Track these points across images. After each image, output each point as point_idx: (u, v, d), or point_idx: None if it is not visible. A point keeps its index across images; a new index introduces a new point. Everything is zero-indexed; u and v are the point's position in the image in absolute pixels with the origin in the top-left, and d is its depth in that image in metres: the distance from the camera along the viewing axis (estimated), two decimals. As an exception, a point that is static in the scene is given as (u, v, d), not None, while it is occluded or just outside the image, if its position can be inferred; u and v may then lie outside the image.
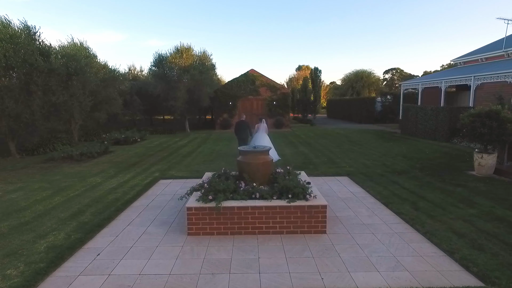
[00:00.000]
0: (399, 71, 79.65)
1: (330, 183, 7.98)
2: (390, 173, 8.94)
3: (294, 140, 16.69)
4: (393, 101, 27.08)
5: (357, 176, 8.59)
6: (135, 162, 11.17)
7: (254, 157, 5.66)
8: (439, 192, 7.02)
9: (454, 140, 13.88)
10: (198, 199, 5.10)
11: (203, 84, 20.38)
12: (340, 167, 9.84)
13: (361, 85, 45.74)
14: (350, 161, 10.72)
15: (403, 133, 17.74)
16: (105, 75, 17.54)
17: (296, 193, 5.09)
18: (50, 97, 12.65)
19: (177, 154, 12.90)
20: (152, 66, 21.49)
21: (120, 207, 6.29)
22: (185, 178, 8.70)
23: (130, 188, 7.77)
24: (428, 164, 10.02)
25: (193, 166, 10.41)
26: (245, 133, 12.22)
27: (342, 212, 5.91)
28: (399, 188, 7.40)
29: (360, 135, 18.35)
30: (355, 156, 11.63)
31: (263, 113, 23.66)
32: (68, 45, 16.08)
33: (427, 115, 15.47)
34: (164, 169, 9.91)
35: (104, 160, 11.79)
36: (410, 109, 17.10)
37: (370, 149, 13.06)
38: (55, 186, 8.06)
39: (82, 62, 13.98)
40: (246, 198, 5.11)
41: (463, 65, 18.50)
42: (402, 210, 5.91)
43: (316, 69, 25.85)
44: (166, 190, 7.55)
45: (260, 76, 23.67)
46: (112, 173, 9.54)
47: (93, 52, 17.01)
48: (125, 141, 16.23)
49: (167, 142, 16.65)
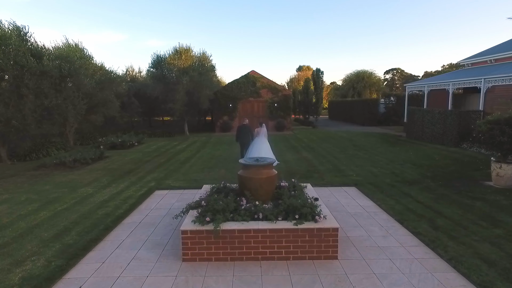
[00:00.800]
0: (400, 71, 79.23)
1: (337, 195, 7.44)
2: (400, 183, 8.40)
3: (296, 144, 16.16)
4: (396, 102, 26.51)
5: (365, 187, 8.06)
6: (130, 170, 10.63)
7: (256, 172, 5.12)
8: (456, 206, 6.48)
9: (463, 145, 13.33)
10: (195, 220, 4.56)
11: (202, 86, 19.86)
12: (347, 175, 9.29)
13: (362, 86, 45.33)
14: (357, 168, 10.18)
15: (409, 137, 17.19)
16: (101, 76, 17.01)
17: (304, 213, 4.56)
18: (43, 100, 12.12)
19: (175, 160, 12.37)
20: (151, 68, 20.98)
21: (110, 225, 5.75)
22: (182, 189, 8.16)
23: (123, 201, 7.23)
24: (439, 172, 9.47)
25: (191, 174, 9.87)
26: (247, 138, 11.81)
27: (353, 232, 5.37)
28: (412, 201, 6.85)
29: (364, 138, 17.80)
30: (361, 162, 11.09)
31: (264, 115, 23.15)
32: (63, 46, 15.57)
33: (435, 119, 14.93)
34: (160, 178, 9.38)
35: (98, 167, 11.25)
36: (416, 112, 16.56)
37: (376, 155, 12.51)
38: (43, 198, 7.53)
39: (77, 63, 13.46)
40: (248, 219, 4.57)
41: (471, 67, 17.94)
42: (419, 229, 5.36)
43: (318, 70, 25.31)
44: (162, 203, 7.01)
45: (261, 77, 23.13)
46: (105, 182, 9.00)
47: (88, 53, 16.52)
48: (121, 145, 15.70)
49: (165, 147, 16.12)
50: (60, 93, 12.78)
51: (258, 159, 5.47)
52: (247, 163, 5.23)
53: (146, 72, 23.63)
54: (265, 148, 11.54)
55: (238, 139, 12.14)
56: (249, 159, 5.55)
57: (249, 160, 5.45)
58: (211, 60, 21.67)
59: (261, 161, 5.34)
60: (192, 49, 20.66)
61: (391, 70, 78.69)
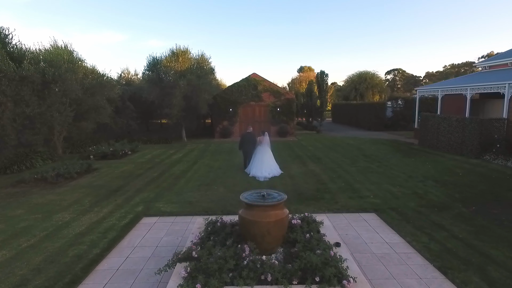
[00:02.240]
0: (401, 72, 78.04)
1: (356, 226, 6.29)
2: (427, 207, 7.25)
3: (301, 153, 15.00)
4: (404, 106, 25.37)
5: (387, 214, 6.91)
6: (118, 187, 9.49)
7: (263, 214, 3.98)
8: (506, 245, 5.32)
9: (485, 156, 12.17)
10: (182, 285, 3.41)
11: (201, 90, 18.70)
12: (363, 197, 8.14)
13: (365, 87, 44.33)
14: (373, 187, 9.02)
15: (422, 145, 16.03)
16: (93, 80, 15.87)
17: (326, 276, 3.41)
18: (23, 109, 11.00)
19: (169, 173, 11.23)
20: (146, 70, 19.84)
21: (79, 274, 4.60)
22: (174, 216, 7.02)
23: (102, 234, 6.08)
24: (468, 193, 8.32)
25: (185, 193, 8.72)
26: (251, 146, 11.07)
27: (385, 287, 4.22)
28: (448, 237, 5.70)
29: (374, 146, 16.64)
30: (376, 178, 9.93)
31: (265, 120, 22.03)
32: (50, 48, 14.43)
33: (452, 127, 13.77)
34: (150, 199, 8.23)
35: (83, 182, 10.12)
36: (430, 118, 15.39)
37: (391, 168, 11.36)
38: (10, 229, 6.40)
39: (62, 67, 12.31)
40: (253, 284, 3.42)
41: (488, 70, 16.78)
42: (469, 284, 4.21)
43: (322, 73, 24.13)
44: (148, 238, 5.87)
45: (263, 80, 21.99)
46: (87, 205, 7.86)
47: (79, 56, 15.36)
48: (113, 155, 14.56)
49: (160, 156, 14.97)
50: (43, 100, 11.64)
51: (264, 195, 4.32)
52: (251, 203, 4.08)
53: (142, 75, 22.49)
54: (268, 157, 10.95)
55: (241, 147, 11.44)
56: (253, 194, 4.39)
57: (253, 197, 4.28)
58: (210, 62, 20.52)
59: (268, 199, 4.19)
60: (190, 51, 19.54)
61: (392, 70, 77.55)
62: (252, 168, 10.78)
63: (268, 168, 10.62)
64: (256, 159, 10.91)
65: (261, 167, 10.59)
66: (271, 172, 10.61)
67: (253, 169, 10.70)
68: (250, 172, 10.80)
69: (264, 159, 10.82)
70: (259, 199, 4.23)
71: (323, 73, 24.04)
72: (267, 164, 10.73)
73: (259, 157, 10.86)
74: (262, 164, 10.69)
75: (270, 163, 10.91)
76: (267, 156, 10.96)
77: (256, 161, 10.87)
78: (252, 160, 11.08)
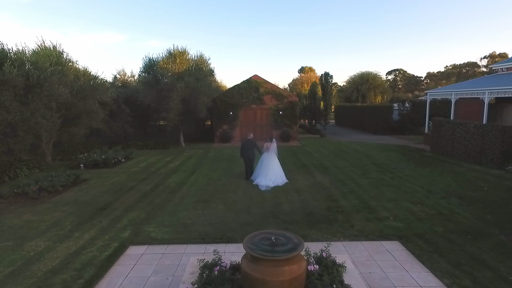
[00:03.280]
0: (402, 72, 77.03)
1: (379, 259, 5.31)
2: (459, 234, 6.26)
3: (307, 161, 14.02)
4: (412, 109, 24.38)
5: (413, 242, 5.93)
6: (105, 204, 8.51)
7: (274, 270, 3.01)
8: None
9: (509, 167, 11.18)
10: None
11: (199, 93, 17.72)
12: (382, 218, 7.16)
13: (367, 88, 43.57)
14: (390, 205, 8.04)
15: (435, 152, 15.04)
16: (84, 83, 14.90)
17: None
18: (4, 115, 10.03)
19: (164, 186, 10.25)
20: (142, 72, 18.86)
21: (39, 338, 3.63)
22: (166, 244, 6.05)
23: (78, 272, 5.10)
24: (501, 214, 7.34)
25: (180, 213, 7.74)
26: (252, 153, 10.74)
27: None
28: (495, 278, 4.71)
29: (383, 153, 15.66)
30: (392, 194, 8.95)
31: (267, 124, 21.07)
32: (38, 49, 13.47)
33: (469, 134, 12.78)
34: (140, 221, 7.25)
35: (68, 198, 9.15)
36: (444, 124, 14.40)
37: (406, 180, 10.38)
38: (-30, 263, 5.42)
39: (48, 70, 11.34)
40: None
41: (506, 72, 15.79)
42: None
43: (326, 74, 23.11)
44: (132, 279, 4.89)
45: (265, 82, 21.01)
46: (67, 228, 6.89)
47: (69, 57, 14.41)
48: (105, 163, 13.58)
49: (156, 164, 13.99)
50: (26, 106, 10.67)
51: (274, 241, 3.33)
52: (259, 255, 3.09)
53: (138, 77, 21.51)
54: (274, 165, 10.45)
55: (242, 154, 10.97)
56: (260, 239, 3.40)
57: (261, 245, 3.29)
58: (209, 64, 19.51)
59: (280, 249, 3.21)
60: (188, 52, 18.52)
61: (393, 71, 76.62)
62: (257, 176, 10.36)
63: (273, 176, 10.18)
64: (262, 166, 10.48)
65: (266, 175, 10.14)
66: (275, 181, 10.14)
67: (258, 177, 10.26)
68: (255, 179, 10.38)
69: (270, 166, 10.37)
70: (268, 247, 3.25)
71: (327, 74, 23.05)
72: (272, 172, 10.26)
73: (265, 164, 10.42)
74: (267, 172, 10.21)
75: (276, 171, 10.45)
76: (273, 164, 10.50)
77: (262, 168, 10.40)
78: (258, 167, 10.67)
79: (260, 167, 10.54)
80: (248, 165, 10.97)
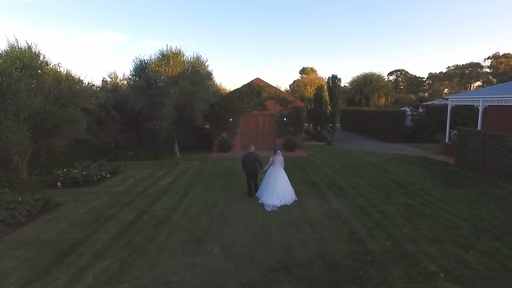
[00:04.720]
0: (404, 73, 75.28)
1: None
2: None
3: (317, 178, 12.26)
4: (426, 114, 22.62)
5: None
6: (71, 246, 6.76)
7: None
8: None
9: (560, 190, 9.42)
10: None
11: (196, 98, 15.99)
12: (429, 275, 5.39)
13: (370, 89, 42.33)
14: (433, 250, 6.27)
15: (461, 167, 13.29)
16: (65, 88, 13.14)
17: None
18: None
19: (149, 216, 8.50)
20: (132, 75, 17.12)
21: None
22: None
23: None
24: None
25: (164, 262, 5.98)
26: (255, 167, 9.76)
27: None
28: None
29: (401, 167, 13.90)
30: (431, 232, 7.17)
31: (270, 132, 19.33)
32: (8, 49, 11.75)
33: (507, 148, 11.03)
34: (108, 278, 5.49)
35: (29, 234, 7.41)
36: (473, 135, 12.65)
37: (441, 209, 8.62)
38: None
39: (14, 75, 9.60)
40: None
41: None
42: None
43: (334, 77, 21.33)
44: None
45: (267, 86, 19.26)
46: (9, 290, 5.15)
47: (46, 59, 12.66)
48: (86, 181, 11.84)
49: (144, 182, 12.24)
50: (-15, 118, 8.93)
51: None
52: None
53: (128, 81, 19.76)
54: (282, 180, 9.38)
55: (244, 168, 9.95)
56: None
57: None
58: (207, 66, 17.69)
59: None
60: (183, 53, 16.74)
61: (395, 71, 75.02)
62: (263, 193, 9.24)
63: (281, 193, 9.08)
64: (268, 183, 9.33)
65: (273, 193, 9.01)
66: (284, 199, 9.02)
67: (264, 194, 9.25)
68: (260, 197, 9.39)
69: (277, 181, 9.22)
70: None
71: (335, 77, 21.29)
72: (280, 189, 9.14)
73: (272, 179, 9.28)
74: (274, 189, 9.08)
75: (285, 187, 9.34)
76: (281, 179, 9.32)
77: (269, 185, 9.25)
78: (264, 183, 9.54)
79: (267, 182, 9.41)
80: (250, 180, 9.90)
